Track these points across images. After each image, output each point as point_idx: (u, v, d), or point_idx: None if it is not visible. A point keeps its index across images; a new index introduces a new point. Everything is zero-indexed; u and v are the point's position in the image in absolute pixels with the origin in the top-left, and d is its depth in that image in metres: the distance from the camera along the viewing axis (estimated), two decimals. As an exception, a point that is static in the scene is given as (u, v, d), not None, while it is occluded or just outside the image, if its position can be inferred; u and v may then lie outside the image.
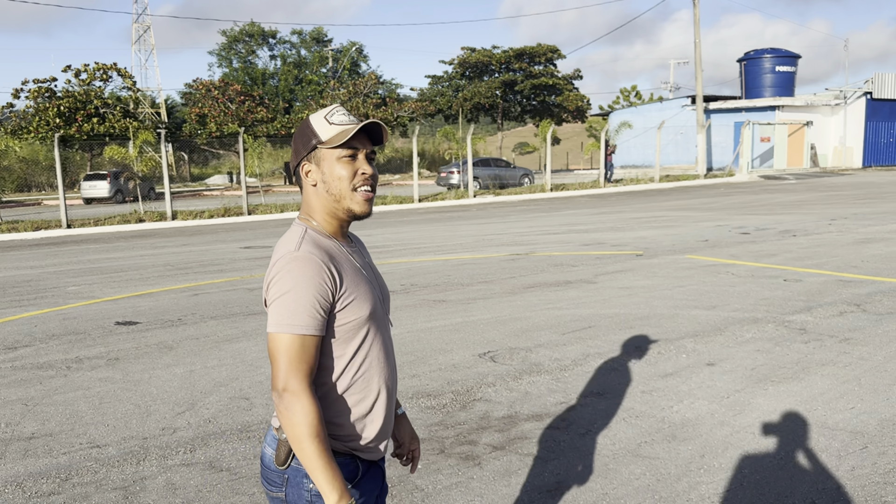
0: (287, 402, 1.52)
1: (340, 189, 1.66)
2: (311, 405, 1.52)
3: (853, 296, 7.12)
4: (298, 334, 1.55)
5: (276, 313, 1.56)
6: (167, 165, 19.70)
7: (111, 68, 35.60)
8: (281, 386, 1.53)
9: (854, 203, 17.84)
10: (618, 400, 4.41)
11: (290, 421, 1.52)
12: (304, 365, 1.55)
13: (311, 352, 1.56)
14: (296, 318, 1.54)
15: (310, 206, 1.71)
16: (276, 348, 1.55)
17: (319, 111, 1.74)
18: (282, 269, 1.58)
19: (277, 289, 1.57)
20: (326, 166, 1.67)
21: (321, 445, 1.52)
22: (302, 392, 1.52)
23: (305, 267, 1.56)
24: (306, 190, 1.71)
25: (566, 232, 13.78)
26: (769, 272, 8.60)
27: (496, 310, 7.04)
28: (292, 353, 1.54)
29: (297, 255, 1.58)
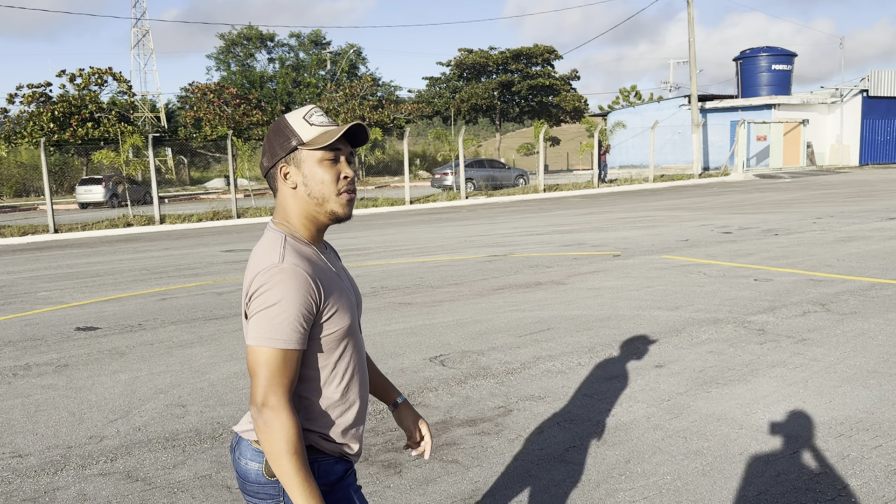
0: (266, 417, 1.49)
1: (324, 192, 1.62)
2: (290, 421, 1.49)
3: (820, 295, 7.02)
4: (281, 348, 1.50)
5: (259, 326, 1.51)
6: (155, 169, 19.67)
7: (106, 73, 35.64)
8: (260, 401, 1.49)
9: (844, 201, 17.72)
10: (557, 404, 4.33)
11: (268, 437, 1.49)
12: (285, 380, 1.51)
13: (293, 366, 1.52)
14: (278, 332, 1.50)
15: (286, 210, 1.65)
16: (256, 362, 1.50)
17: (296, 111, 1.67)
18: (267, 282, 1.51)
19: (261, 301, 1.51)
20: (308, 168, 1.61)
21: (299, 461, 1.49)
22: (281, 408, 1.49)
23: (291, 280, 1.51)
24: (283, 193, 1.64)
25: (550, 233, 13.70)
26: (742, 272, 8.51)
27: (459, 312, 6.96)
28: (273, 367, 1.50)
29: (283, 268, 1.52)
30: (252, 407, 1.51)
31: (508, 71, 47.21)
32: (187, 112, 38.36)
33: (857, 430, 3.75)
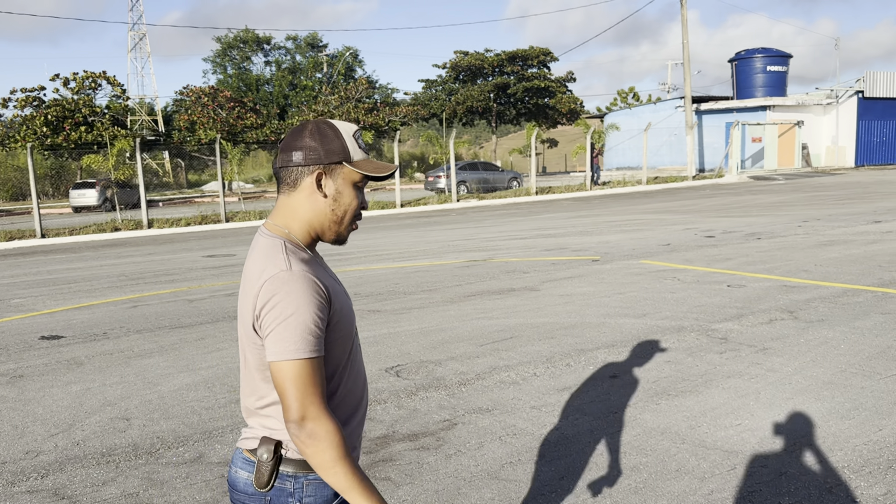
0: (309, 429, 1.45)
1: (346, 214, 1.62)
2: (334, 426, 1.46)
3: (790, 302, 6.95)
4: (307, 358, 1.47)
5: (281, 340, 1.46)
6: (151, 173, 19.63)
7: (100, 76, 35.63)
8: (298, 416, 1.45)
9: (834, 204, 17.65)
10: (504, 417, 4.26)
11: (316, 449, 1.45)
12: (318, 388, 1.48)
13: (321, 372, 1.50)
14: (302, 342, 1.47)
15: (294, 213, 1.61)
16: (285, 378, 1.46)
17: (343, 124, 1.64)
18: (278, 292, 1.48)
19: (278, 313, 1.47)
20: (342, 186, 1.61)
21: (352, 464, 1.47)
22: (322, 416, 1.46)
23: (303, 286, 1.48)
24: (301, 195, 1.60)
25: (534, 237, 13.64)
26: (716, 277, 8.44)
27: (426, 320, 6.89)
28: (304, 379, 1.46)
29: (291, 275, 1.48)
30: (290, 425, 1.46)
31: (504, 73, 47.16)
32: (181, 116, 38.33)
33: (800, 445, 3.69)
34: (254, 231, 18.38)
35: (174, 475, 3.67)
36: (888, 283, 7.67)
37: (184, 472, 3.71)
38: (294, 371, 1.46)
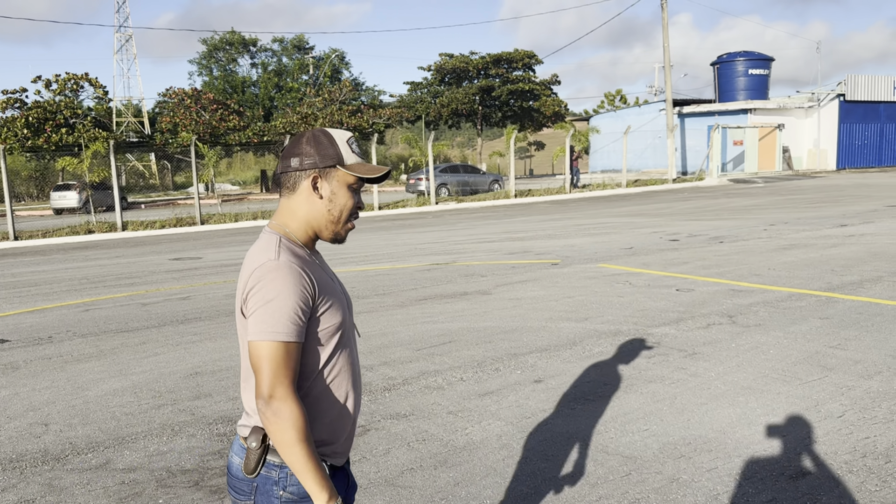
0: (275, 408, 1.55)
1: (342, 214, 1.74)
2: (298, 410, 1.55)
3: (733, 306, 6.99)
4: (283, 341, 1.57)
5: (260, 321, 1.57)
6: (117, 175, 19.56)
7: (82, 78, 35.48)
8: (267, 393, 1.55)
9: (805, 207, 17.75)
10: (418, 422, 4.28)
11: (278, 427, 1.54)
12: (289, 371, 1.57)
13: (295, 358, 1.59)
14: (279, 326, 1.57)
15: (292, 214, 1.74)
16: (259, 356, 1.57)
17: (338, 131, 1.77)
18: (263, 278, 1.59)
19: (260, 297, 1.58)
20: (337, 188, 1.73)
21: (309, 448, 1.55)
22: (289, 397, 1.55)
23: (287, 275, 1.59)
24: (300, 198, 1.73)
25: (503, 240, 13.66)
26: (668, 281, 8.48)
27: (371, 325, 6.90)
28: (277, 360, 1.56)
29: (278, 264, 1.60)
30: (259, 400, 1.56)
31: (489, 76, 47.22)
32: (164, 118, 38.20)
33: (700, 451, 3.71)
34: (228, 233, 18.33)
35: (76, 481, 3.66)
36: (835, 287, 7.73)
37: (86, 478, 3.70)
38: (269, 351, 1.56)
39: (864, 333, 5.81)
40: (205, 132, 36.02)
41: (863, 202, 18.32)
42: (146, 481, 3.63)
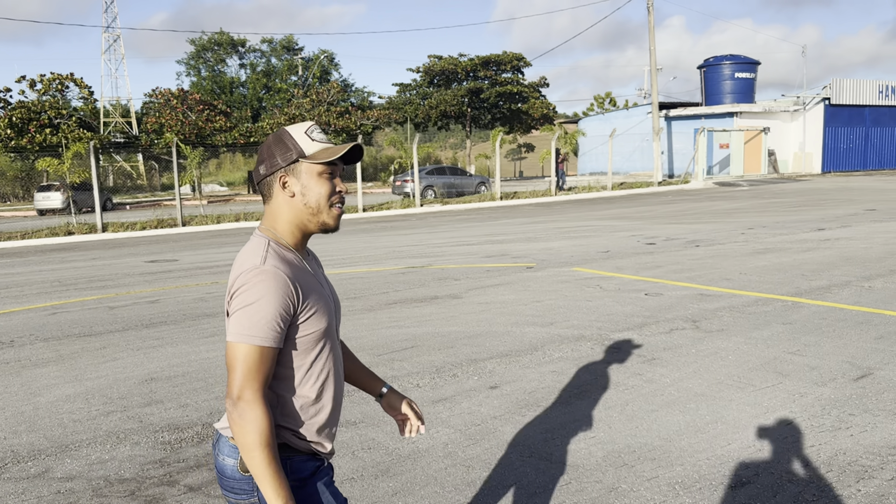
0: (241, 409, 1.57)
1: (319, 203, 1.74)
2: (263, 415, 1.58)
3: (699, 311, 6.99)
4: (258, 345, 1.60)
5: (238, 324, 1.60)
6: (103, 177, 19.43)
7: (67, 78, 35.28)
8: (236, 394, 1.58)
9: (786, 210, 17.82)
10: (367, 430, 4.24)
11: (242, 429, 1.58)
12: (261, 375, 1.60)
13: (268, 363, 1.61)
14: (256, 330, 1.59)
15: (276, 218, 1.76)
16: (234, 357, 1.60)
17: (296, 125, 1.79)
18: (248, 282, 1.62)
19: (242, 300, 1.61)
20: (306, 180, 1.73)
21: (270, 454, 1.58)
22: (255, 402, 1.58)
23: (271, 281, 1.61)
24: (277, 201, 1.76)
25: (482, 243, 13.64)
26: (639, 285, 8.47)
27: (344, 329, 6.84)
28: (250, 363, 1.59)
29: (263, 269, 1.62)
30: (228, 400, 1.60)
31: (477, 78, 47.24)
32: (149, 118, 38.03)
33: (643, 459, 3.69)
34: (209, 235, 18.24)
35: (10, 491, 3.61)
36: (803, 292, 7.74)
37: (22, 487, 3.65)
38: (244, 354, 1.59)
39: (825, 339, 5.82)
40: (191, 133, 35.86)
41: (844, 206, 18.41)
42: (82, 490, 3.58)
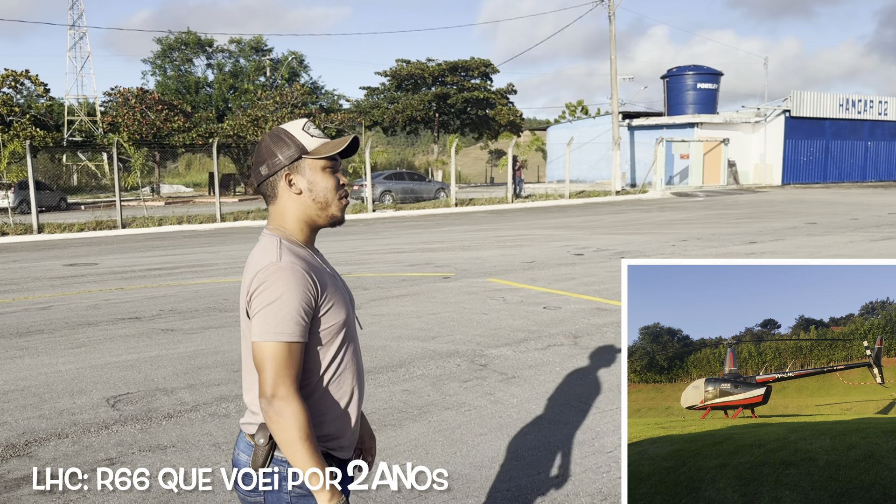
0: (277, 407, 1.58)
1: (327, 197, 1.76)
2: (300, 408, 1.59)
3: (587, 326, 6.84)
4: (286, 342, 1.61)
5: (263, 322, 1.61)
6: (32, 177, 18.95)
7: (21, 75, 34.60)
8: (270, 392, 1.59)
9: (729, 222, 17.83)
10: (175, 455, 4.00)
11: (280, 425, 1.58)
12: (292, 371, 1.61)
13: (297, 357, 1.63)
14: (282, 326, 1.60)
15: (284, 216, 1.77)
16: (263, 356, 1.60)
17: (292, 123, 1.80)
18: (266, 280, 1.62)
19: (263, 298, 1.62)
20: (312, 176, 1.75)
21: (311, 446, 1.59)
22: (291, 397, 1.59)
23: (290, 276, 1.63)
24: (283, 199, 1.76)
25: (415, 250, 13.44)
26: (543, 298, 8.31)
27: (208, 342, 6.60)
28: (280, 360, 1.60)
29: (280, 265, 1.63)
30: (262, 400, 1.60)
31: (445, 83, 47.12)
32: (105, 117, 37.40)
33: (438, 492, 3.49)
34: (146, 238, 17.84)
35: None
36: (702, 307, 7.61)
37: None
38: (272, 351, 1.60)
39: (696, 358, 5.67)
40: (147, 133, 35.30)
41: (787, 219, 18.47)
42: None
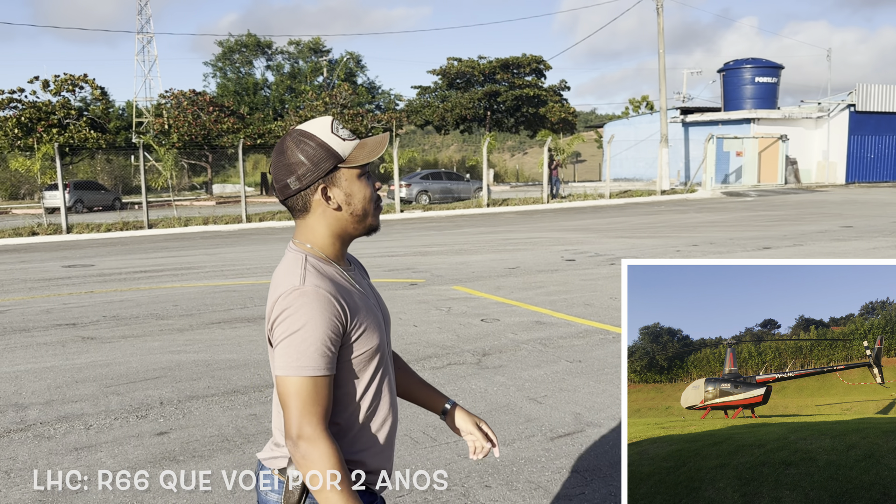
0: (303, 450, 1.44)
1: (366, 208, 1.61)
2: (329, 449, 1.44)
3: (508, 343, 6.35)
4: (310, 376, 1.45)
5: (285, 355, 1.46)
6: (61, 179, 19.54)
7: (80, 79, 35.95)
8: (295, 433, 1.44)
9: (760, 225, 16.79)
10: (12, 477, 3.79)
11: (308, 470, 1.44)
12: (318, 408, 1.46)
13: (325, 392, 1.47)
14: (306, 360, 1.45)
15: (313, 230, 1.59)
16: (286, 393, 1.46)
17: (315, 124, 1.58)
18: (289, 307, 1.47)
19: (285, 328, 1.47)
20: (349, 186, 1.58)
21: (345, 490, 1.45)
22: (318, 437, 1.44)
23: (314, 303, 1.47)
24: (317, 213, 1.58)
25: (407, 254, 13.11)
26: (491, 309, 7.85)
27: (110, 353, 6.42)
28: (304, 397, 1.45)
29: (304, 291, 1.48)
30: (287, 441, 1.46)
31: (495, 81, 46.51)
32: (156, 120, 38.51)
33: (185, 536, 3.14)
34: (166, 238, 18.12)
35: None
36: (653, 322, 7.00)
37: None
38: (295, 387, 1.44)
39: (588, 383, 5.14)
40: (198, 134, 36.15)
41: (825, 221, 17.26)
42: None
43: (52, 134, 32.44)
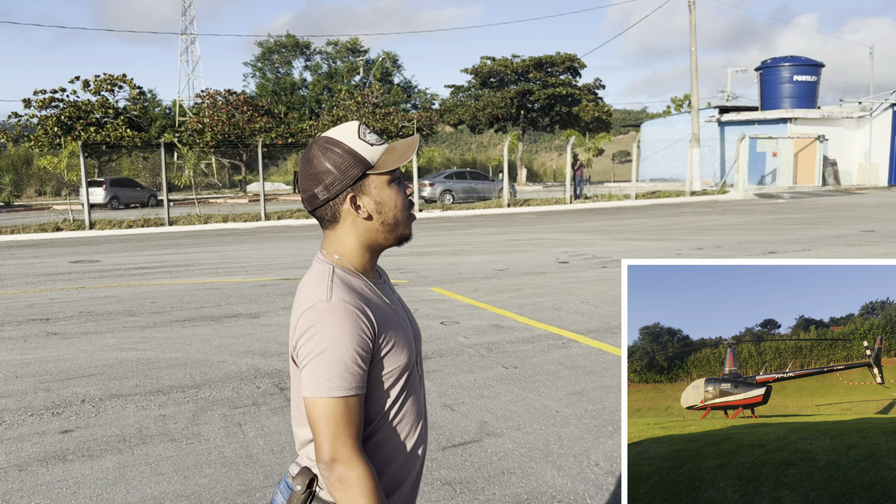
0: (339, 473, 1.39)
1: (397, 217, 1.55)
2: (366, 471, 1.40)
3: (455, 347, 6.24)
4: (341, 396, 1.39)
5: (315, 376, 1.40)
6: (85, 176, 20.02)
7: (118, 79, 36.87)
8: (328, 457, 1.39)
9: (778, 229, 16.28)
10: None
11: (345, 494, 1.39)
12: (352, 428, 1.41)
13: (357, 412, 1.42)
14: (336, 380, 1.39)
15: (342, 240, 1.54)
16: (317, 415, 1.40)
17: (342, 130, 1.53)
18: (315, 324, 1.41)
19: (312, 346, 1.40)
20: (379, 194, 1.52)
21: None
22: (353, 459, 1.39)
23: (342, 318, 1.41)
24: (347, 223, 1.53)
25: (402, 255, 13.06)
26: (458, 311, 7.74)
27: (63, 349, 6.50)
28: (336, 419, 1.39)
29: (330, 306, 1.41)
30: (320, 465, 1.41)
31: (528, 80, 46.20)
32: (191, 119, 39.25)
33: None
34: (183, 235, 18.42)
35: None
36: (593, 330, 6.81)
37: None
38: (327, 410, 1.39)
39: (512, 390, 5.00)
40: (231, 133, 36.72)
41: (848, 225, 16.64)
42: None
43: (89, 132, 33.33)
